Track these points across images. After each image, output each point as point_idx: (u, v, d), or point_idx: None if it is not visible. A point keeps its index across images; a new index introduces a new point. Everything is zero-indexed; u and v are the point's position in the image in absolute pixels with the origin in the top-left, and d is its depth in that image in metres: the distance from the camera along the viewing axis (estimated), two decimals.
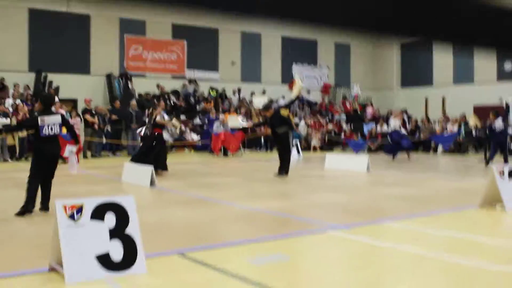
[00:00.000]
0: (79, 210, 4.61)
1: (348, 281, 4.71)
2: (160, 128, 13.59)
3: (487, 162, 16.56)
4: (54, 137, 7.93)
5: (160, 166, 13.21)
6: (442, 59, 30.07)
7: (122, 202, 4.84)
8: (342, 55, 32.08)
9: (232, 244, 6.00)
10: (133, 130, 21.05)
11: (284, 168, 13.26)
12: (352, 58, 32.58)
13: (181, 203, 9.11)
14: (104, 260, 4.65)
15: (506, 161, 16.32)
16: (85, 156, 19.39)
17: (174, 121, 14.90)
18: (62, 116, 8.03)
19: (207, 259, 5.28)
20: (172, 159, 19.00)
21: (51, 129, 7.81)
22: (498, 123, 16.98)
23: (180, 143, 22.72)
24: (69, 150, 8.23)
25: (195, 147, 23.47)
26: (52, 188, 8.10)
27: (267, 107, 13.78)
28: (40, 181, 7.91)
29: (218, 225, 7.36)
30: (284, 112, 13.38)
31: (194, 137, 23.44)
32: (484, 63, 28.23)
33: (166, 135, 13.58)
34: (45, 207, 7.93)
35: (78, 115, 19.67)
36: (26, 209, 7.59)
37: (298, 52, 30.15)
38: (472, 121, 19.05)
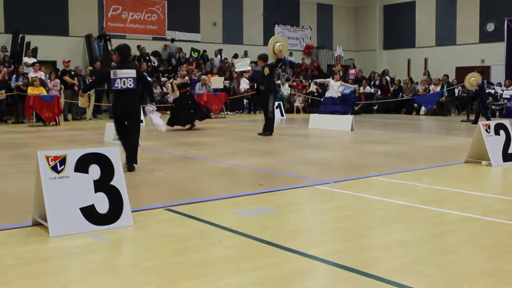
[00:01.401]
0: (62, 161, 4.47)
1: (338, 231, 4.67)
2: (185, 88, 15.08)
3: (476, 121, 16.71)
4: (128, 91, 7.65)
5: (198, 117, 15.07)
6: (425, 21, 29.95)
7: (107, 153, 4.71)
8: (324, 16, 31.73)
9: (219, 198, 5.92)
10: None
11: (268, 127, 13.16)
12: (335, 19, 32.25)
13: (165, 161, 9.00)
14: (89, 213, 4.53)
15: (488, 118, 16.53)
16: (66, 119, 19.11)
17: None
18: (138, 70, 7.85)
19: (194, 213, 5.20)
20: None
21: (124, 82, 7.58)
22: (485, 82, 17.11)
23: (162, 105, 22.46)
24: (149, 110, 8.34)
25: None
26: (32, 149, 7.88)
27: (262, 57, 13.51)
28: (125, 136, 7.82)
29: (203, 181, 7.28)
30: (266, 71, 13.20)
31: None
32: (467, 25, 28.17)
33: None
34: (129, 167, 7.68)
35: (57, 76, 19.28)
36: (128, 169, 7.58)
37: (280, 13, 29.79)
38: (474, 80, 17.76)
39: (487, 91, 17.31)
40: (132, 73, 7.66)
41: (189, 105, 14.83)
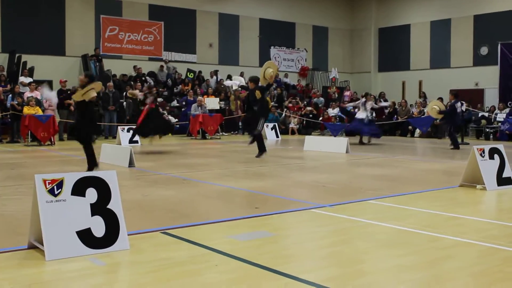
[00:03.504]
0: (60, 184, 4.48)
1: (334, 256, 4.67)
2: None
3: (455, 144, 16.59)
4: None
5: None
6: (419, 44, 30.21)
7: (104, 176, 4.72)
8: (320, 38, 31.98)
9: (215, 222, 5.92)
10: (110, 111, 20.75)
11: (260, 148, 13.11)
12: (330, 41, 32.51)
13: (161, 182, 9.00)
14: (86, 237, 4.52)
15: (462, 141, 16.82)
16: (61, 139, 19.09)
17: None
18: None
19: (190, 236, 5.20)
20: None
21: None
22: (458, 105, 17.04)
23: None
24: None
25: (172, 129, 23.25)
26: (27, 170, 7.92)
27: (253, 79, 13.52)
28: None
29: (198, 203, 7.28)
30: (257, 94, 13.20)
31: (172, 119, 23.22)
32: (460, 48, 28.43)
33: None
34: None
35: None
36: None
37: (276, 35, 30.01)
38: (434, 109, 17.66)
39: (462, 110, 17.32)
40: None
41: (158, 118, 14.95)
